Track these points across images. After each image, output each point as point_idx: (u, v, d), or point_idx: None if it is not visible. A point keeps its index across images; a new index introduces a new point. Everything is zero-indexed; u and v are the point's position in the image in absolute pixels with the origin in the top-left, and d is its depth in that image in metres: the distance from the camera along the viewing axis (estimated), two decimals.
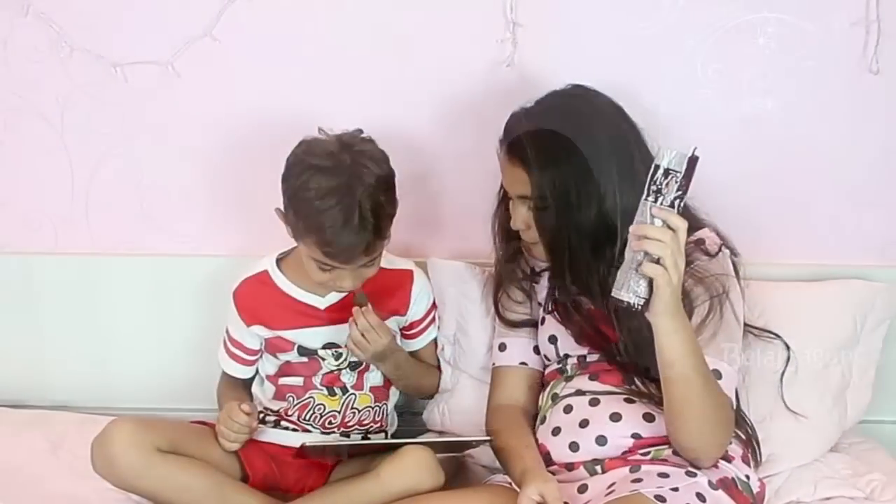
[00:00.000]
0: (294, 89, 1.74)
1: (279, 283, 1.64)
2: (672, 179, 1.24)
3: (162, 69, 1.77)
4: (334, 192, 1.44)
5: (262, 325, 1.64)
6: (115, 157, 1.83)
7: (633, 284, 1.27)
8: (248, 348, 1.69)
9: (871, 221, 1.79)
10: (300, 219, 1.48)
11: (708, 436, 1.39)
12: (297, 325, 1.63)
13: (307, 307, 1.63)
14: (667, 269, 1.25)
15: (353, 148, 1.49)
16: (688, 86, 1.73)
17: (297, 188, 1.47)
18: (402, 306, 1.66)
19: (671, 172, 1.24)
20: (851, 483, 1.60)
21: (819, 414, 1.65)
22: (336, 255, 1.47)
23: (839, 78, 1.72)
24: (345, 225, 1.44)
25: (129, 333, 1.90)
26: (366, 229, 1.45)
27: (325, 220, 1.44)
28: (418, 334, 1.71)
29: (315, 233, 1.46)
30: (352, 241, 1.45)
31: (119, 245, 1.88)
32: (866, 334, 1.71)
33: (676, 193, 1.25)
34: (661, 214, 1.26)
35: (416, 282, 1.68)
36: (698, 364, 1.34)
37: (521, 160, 1.47)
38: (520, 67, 1.72)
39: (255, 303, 1.65)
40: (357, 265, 1.50)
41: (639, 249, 1.26)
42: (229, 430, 1.55)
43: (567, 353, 1.57)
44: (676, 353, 1.32)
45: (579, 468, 1.45)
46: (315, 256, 1.50)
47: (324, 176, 1.46)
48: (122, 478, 1.49)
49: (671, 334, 1.31)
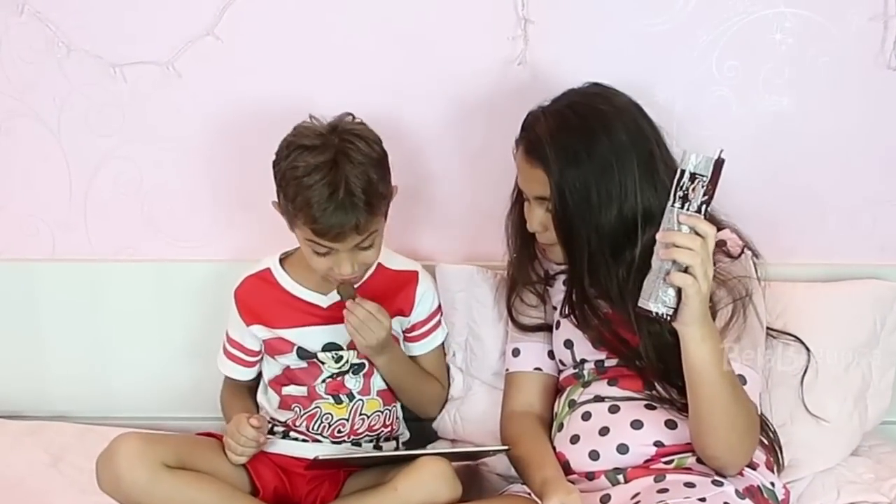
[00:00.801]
0: (299, 89, 1.70)
1: (281, 282, 1.62)
2: (698, 184, 1.22)
3: (162, 69, 1.73)
4: (320, 167, 1.44)
5: (262, 325, 1.62)
6: (115, 159, 1.79)
7: (661, 294, 1.24)
8: (247, 349, 1.66)
9: (887, 219, 1.77)
10: (289, 199, 1.47)
11: (735, 444, 1.36)
12: (297, 323, 1.60)
13: (309, 306, 1.60)
14: (696, 279, 1.23)
15: (342, 128, 1.50)
16: (702, 83, 1.70)
17: (286, 169, 1.47)
18: (406, 307, 1.63)
19: (697, 177, 1.22)
20: (875, 488, 1.58)
21: (840, 417, 1.62)
22: (325, 231, 1.44)
23: (856, 74, 1.69)
24: (330, 199, 1.43)
25: (131, 341, 1.87)
26: (354, 204, 1.44)
27: (311, 195, 1.43)
28: (421, 337, 1.67)
29: (303, 211, 1.45)
30: (339, 216, 1.43)
31: (119, 250, 1.84)
32: (886, 335, 1.69)
33: (703, 199, 1.22)
34: (690, 221, 1.23)
35: (422, 282, 1.65)
36: (726, 372, 1.31)
37: (540, 160, 1.43)
38: (531, 65, 1.69)
39: (256, 301, 1.63)
40: (350, 245, 1.47)
41: (667, 258, 1.23)
42: (237, 444, 1.52)
43: (584, 358, 1.54)
44: (705, 362, 1.29)
45: (600, 477, 1.42)
46: (307, 237, 1.48)
47: (311, 153, 1.46)
48: (130, 495, 1.45)
49: (699, 343, 1.28)
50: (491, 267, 1.73)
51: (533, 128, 1.46)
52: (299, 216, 1.46)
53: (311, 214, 1.44)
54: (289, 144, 1.50)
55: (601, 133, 1.41)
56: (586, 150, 1.40)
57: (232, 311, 1.65)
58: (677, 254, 1.22)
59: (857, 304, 1.67)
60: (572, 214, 1.42)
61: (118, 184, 1.80)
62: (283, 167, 1.48)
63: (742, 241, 1.50)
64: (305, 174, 1.44)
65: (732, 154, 1.68)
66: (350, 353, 1.60)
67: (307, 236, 1.48)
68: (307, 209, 1.44)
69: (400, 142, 1.68)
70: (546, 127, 1.44)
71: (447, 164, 1.77)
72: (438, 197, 1.79)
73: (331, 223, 1.44)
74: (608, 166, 1.40)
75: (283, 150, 1.50)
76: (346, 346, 1.60)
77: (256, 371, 1.70)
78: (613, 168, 1.40)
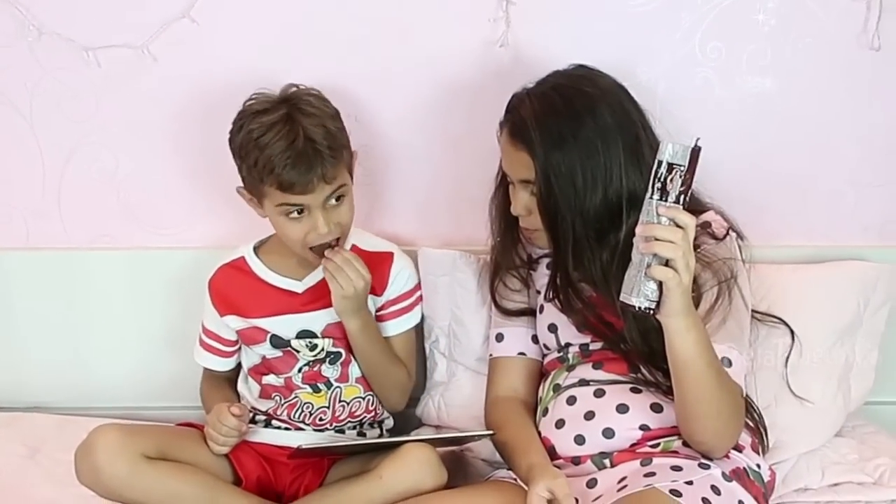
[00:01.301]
0: (277, 73, 1.65)
1: (256, 270, 1.60)
2: (676, 174, 1.20)
3: (137, 53, 1.69)
4: (275, 124, 1.45)
5: (236, 315, 1.60)
6: (89, 146, 1.76)
7: (642, 288, 1.23)
8: (224, 339, 1.65)
9: (870, 201, 1.77)
10: (252, 166, 1.45)
11: (722, 429, 1.36)
12: (271, 312, 1.58)
13: (283, 293, 1.59)
14: (678, 272, 1.21)
15: (291, 93, 1.50)
16: (685, 64, 1.69)
17: (242, 138, 1.47)
18: (378, 287, 1.61)
19: (675, 167, 1.20)
20: (859, 468, 1.59)
21: (824, 399, 1.63)
22: (292, 183, 1.43)
23: (839, 55, 1.68)
24: (291, 148, 1.42)
25: (108, 330, 1.84)
26: (316, 150, 1.44)
27: (272, 152, 1.43)
28: (392, 317, 1.64)
29: (267, 169, 1.43)
30: (303, 163, 1.43)
31: (95, 238, 1.81)
32: (869, 316, 1.69)
33: (681, 188, 1.21)
34: (669, 213, 1.21)
35: (396, 262, 1.63)
36: (711, 360, 1.30)
37: (524, 143, 1.41)
38: (514, 47, 1.67)
39: (230, 290, 1.61)
40: (321, 198, 1.46)
41: (648, 252, 1.22)
42: (219, 434, 1.50)
43: (568, 342, 1.53)
44: (690, 352, 1.28)
45: (586, 462, 1.42)
46: (278, 203, 1.46)
47: (263, 115, 1.46)
48: (109, 488, 1.44)
49: (684, 334, 1.27)
50: (474, 251, 1.71)
51: (517, 110, 1.45)
52: (266, 180, 1.44)
53: (275, 171, 1.43)
54: (240, 116, 1.50)
55: (586, 115, 1.40)
56: (572, 132, 1.39)
57: (206, 302, 1.63)
58: (658, 247, 1.21)
59: (841, 286, 1.67)
60: (557, 198, 1.40)
61: (93, 170, 1.76)
62: (239, 139, 1.48)
63: (727, 223, 1.49)
64: (261, 134, 1.44)
65: (715, 136, 1.70)
66: (325, 342, 1.58)
67: (277, 201, 1.46)
68: (270, 166, 1.43)
69: (381, 126, 1.66)
70: (531, 109, 1.42)
71: (429, 148, 1.74)
72: (421, 181, 1.77)
73: (296, 172, 1.43)
74: (593, 149, 1.39)
75: (235, 125, 1.50)
76: (321, 333, 1.58)
77: (235, 361, 1.68)
78: (598, 151, 1.39)
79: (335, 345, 1.59)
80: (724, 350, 1.37)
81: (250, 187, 1.50)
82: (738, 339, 1.41)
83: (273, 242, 1.62)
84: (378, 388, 1.63)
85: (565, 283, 1.48)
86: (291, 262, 1.59)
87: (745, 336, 1.44)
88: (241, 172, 1.51)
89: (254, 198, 1.52)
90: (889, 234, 1.79)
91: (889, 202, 1.77)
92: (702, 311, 1.38)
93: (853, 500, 1.54)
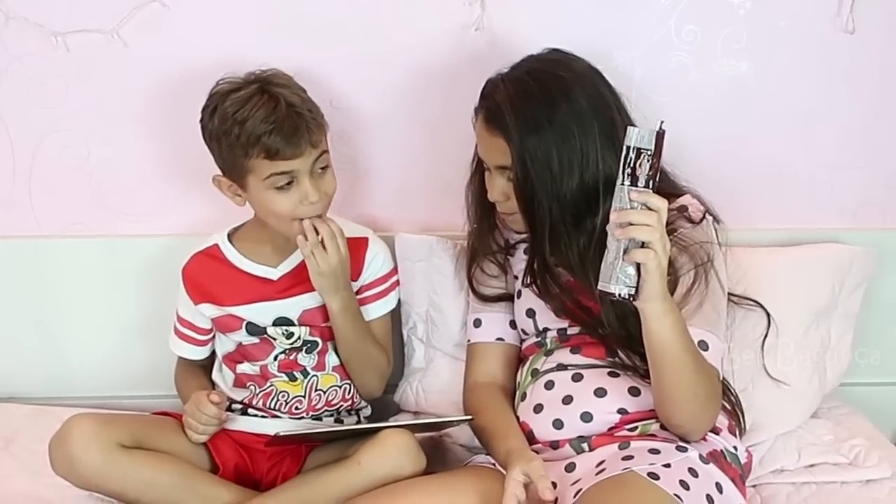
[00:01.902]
0: (251, 57, 1.63)
1: (230, 257, 1.59)
2: (644, 158, 1.21)
3: (107, 38, 1.66)
4: (251, 97, 1.44)
5: (210, 303, 1.59)
6: (59, 132, 1.73)
7: (621, 275, 1.23)
8: (198, 328, 1.63)
9: (845, 184, 1.78)
10: (234, 144, 1.44)
11: (699, 413, 1.36)
12: (246, 300, 1.57)
13: (259, 280, 1.57)
14: (657, 253, 1.22)
15: (257, 73, 1.50)
16: (661, 48, 1.68)
17: (219, 119, 1.45)
18: (354, 271, 1.59)
19: (642, 151, 1.21)
20: (835, 449, 1.60)
21: (800, 380, 1.64)
22: (280, 147, 1.42)
23: (814, 38, 1.69)
24: (274, 113, 1.43)
25: (81, 319, 1.82)
26: (298, 114, 1.44)
27: (255, 122, 1.42)
28: (367, 301, 1.63)
29: (252, 142, 1.42)
30: (288, 126, 1.42)
31: (67, 226, 1.79)
32: (844, 298, 1.70)
33: (649, 172, 1.22)
34: (641, 198, 1.22)
35: (371, 247, 1.62)
36: (688, 344, 1.31)
37: (500, 128, 1.41)
38: (489, 31, 1.66)
39: (204, 278, 1.59)
40: (309, 162, 1.45)
41: (625, 237, 1.22)
42: (198, 422, 1.49)
43: (546, 327, 1.53)
44: (667, 337, 1.28)
45: (565, 446, 1.42)
46: (265, 174, 1.44)
47: (236, 93, 1.46)
48: (84, 477, 1.42)
49: (661, 319, 1.27)
50: (451, 237, 1.71)
51: (492, 96, 1.44)
52: (251, 152, 1.43)
53: (261, 139, 1.42)
54: (211, 100, 1.48)
55: (561, 100, 1.39)
56: (547, 117, 1.38)
57: (180, 290, 1.62)
58: (636, 231, 1.21)
59: (817, 268, 1.68)
60: (534, 183, 1.40)
61: (64, 157, 1.74)
62: (215, 121, 1.46)
63: (703, 207, 1.49)
64: (238, 108, 1.43)
65: (691, 119, 1.71)
66: (302, 330, 1.57)
67: (265, 173, 1.44)
68: (256, 135, 1.42)
69: (356, 111, 1.65)
70: (505, 94, 1.41)
71: (405, 134, 1.73)
72: (397, 167, 1.76)
73: (283, 135, 1.42)
74: (569, 133, 1.38)
75: (207, 109, 1.48)
76: (298, 320, 1.57)
77: (209, 350, 1.67)
78: (574, 135, 1.38)
79: (312, 333, 1.58)
80: (700, 334, 1.37)
81: (231, 170, 1.48)
82: (715, 322, 1.41)
83: (247, 229, 1.61)
84: (357, 373, 1.62)
85: (542, 268, 1.48)
86: (266, 249, 1.57)
87: (722, 320, 1.44)
88: (219, 157, 1.49)
89: (234, 183, 1.49)
90: (864, 216, 1.80)
91: (864, 185, 1.78)
92: (678, 295, 1.39)
93: (829, 480, 1.55)
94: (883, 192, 1.79)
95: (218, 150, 1.48)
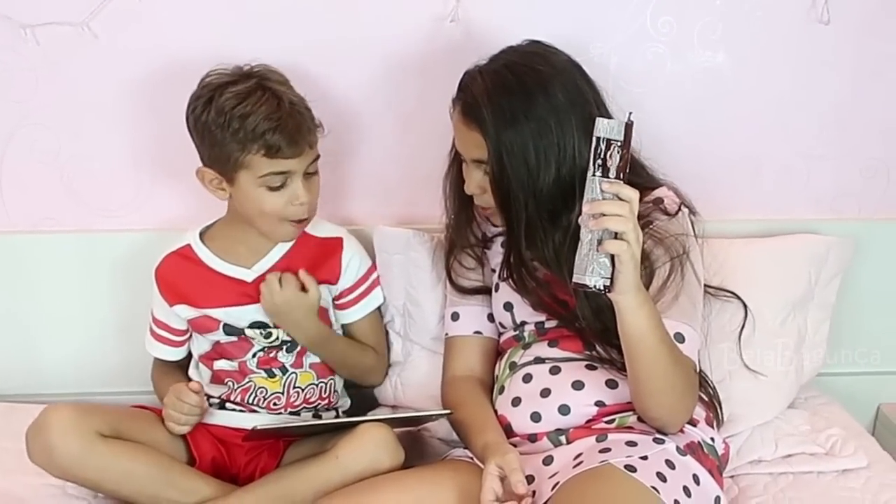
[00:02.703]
0: (222, 49, 1.61)
1: (203, 258, 1.57)
2: (614, 149, 1.21)
3: (77, 30, 1.64)
4: (252, 92, 1.43)
5: (186, 305, 1.57)
6: (30, 126, 1.70)
7: (595, 266, 1.23)
8: (174, 328, 1.62)
9: (821, 174, 1.79)
10: (230, 138, 1.42)
11: (676, 405, 1.36)
12: (222, 303, 1.55)
13: (234, 282, 1.55)
14: (630, 244, 1.21)
15: (248, 69, 1.49)
16: (637, 39, 1.68)
17: (214, 112, 1.43)
18: (332, 275, 1.59)
19: (612, 142, 1.21)
20: (811, 439, 1.61)
21: (777, 371, 1.64)
22: (283, 146, 1.42)
23: (790, 29, 1.69)
24: (279, 110, 1.42)
25: (55, 315, 1.79)
26: (300, 113, 1.45)
27: (258, 117, 1.41)
28: (352, 303, 1.63)
29: (253, 137, 1.41)
30: (291, 124, 1.42)
31: (39, 222, 1.76)
32: (820, 288, 1.71)
33: (619, 163, 1.22)
34: (613, 189, 1.22)
35: (347, 249, 1.61)
36: (663, 336, 1.30)
37: (476, 122, 1.39)
38: (464, 22, 1.65)
39: (179, 280, 1.57)
40: (305, 163, 1.46)
41: (598, 228, 1.22)
42: (179, 413, 1.48)
43: (524, 320, 1.52)
44: (642, 329, 1.28)
45: (543, 439, 1.42)
46: (261, 172, 1.43)
47: (234, 86, 1.43)
48: (62, 467, 1.40)
49: (636, 311, 1.27)
50: (428, 230, 1.69)
51: (469, 89, 1.42)
52: (250, 148, 1.41)
53: (264, 136, 1.40)
54: (204, 91, 1.45)
55: (538, 94, 1.38)
56: (524, 110, 1.37)
57: (154, 292, 1.60)
58: (609, 222, 1.21)
59: (793, 259, 1.68)
60: (510, 177, 1.39)
61: (35, 152, 1.71)
62: (210, 113, 1.43)
63: (679, 199, 1.49)
64: (239, 103, 1.41)
65: (667, 110, 1.71)
66: (280, 331, 1.56)
67: (261, 171, 1.43)
68: (258, 131, 1.40)
69: (330, 103, 1.63)
70: (483, 87, 1.40)
71: (380, 126, 1.72)
72: (372, 160, 1.74)
73: (286, 134, 1.41)
74: (546, 127, 1.37)
75: (200, 101, 1.45)
76: (273, 323, 1.56)
77: (186, 350, 1.65)
78: (551, 129, 1.37)
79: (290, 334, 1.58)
80: (676, 326, 1.37)
81: (222, 163, 1.45)
82: (691, 314, 1.41)
83: (219, 228, 1.59)
84: (354, 378, 1.65)
85: (518, 262, 1.47)
86: (239, 249, 1.56)
87: (698, 311, 1.44)
88: (208, 149, 1.46)
89: (220, 176, 1.47)
90: (840, 207, 1.81)
91: (840, 175, 1.79)
92: (654, 288, 1.38)
93: (806, 470, 1.56)
94: (859, 183, 1.80)
95: (209, 141, 1.45)
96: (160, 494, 1.44)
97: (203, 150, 1.47)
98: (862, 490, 1.50)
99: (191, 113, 1.47)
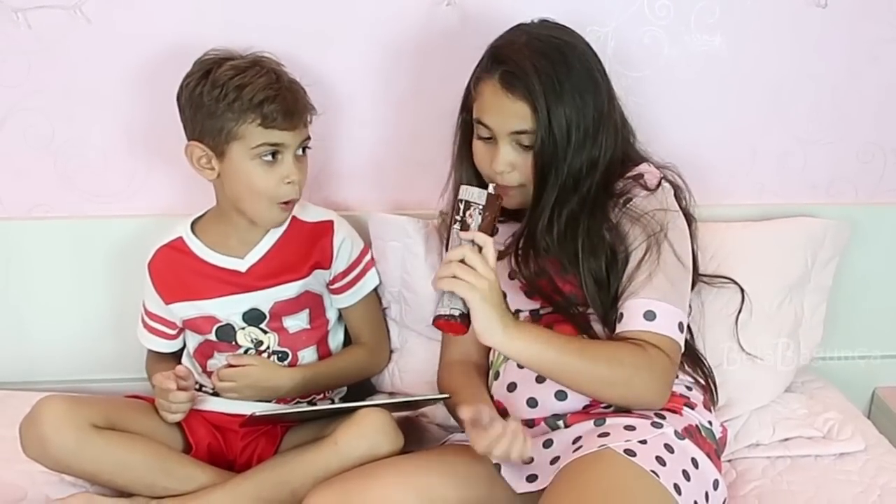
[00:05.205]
0: (218, 32, 1.61)
1: (195, 250, 1.56)
2: (475, 210, 1.30)
3: (69, 13, 1.63)
4: (250, 67, 1.44)
5: (182, 302, 1.56)
6: (23, 111, 1.69)
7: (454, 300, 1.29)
8: (168, 321, 1.61)
9: (817, 158, 1.78)
10: (225, 108, 1.41)
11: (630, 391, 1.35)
12: (216, 294, 1.54)
13: (227, 272, 1.55)
14: (482, 296, 1.26)
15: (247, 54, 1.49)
16: (634, 22, 1.67)
17: (210, 84, 1.42)
18: (324, 260, 1.58)
19: (472, 204, 1.30)
20: (809, 423, 1.61)
21: (774, 355, 1.64)
22: (280, 117, 1.42)
23: (787, 12, 1.68)
24: (277, 82, 1.44)
25: (49, 303, 1.78)
26: (296, 89, 1.47)
27: (255, 87, 1.41)
28: (346, 287, 1.62)
29: (250, 106, 1.41)
30: (290, 98, 1.44)
31: (32, 208, 1.75)
32: (817, 272, 1.70)
33: (481, 224, 1.30)
34: (467, 236, 1.29)
35: (338, 232, 1.59)
36: (562, 346, 1.34)
37: (524, 92, 1.36)
38: (460, 6, 1.64)
39: (172, 274, 1.57)
40: (299, 139, 1.46)
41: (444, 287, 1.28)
42: (169, 402, 1.46)
43: (518, 309, 1.51)
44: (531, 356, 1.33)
45: (540, 424, 1.41)
46: (255, 143, 1.42)
47: (231, 61, 1.45)
48: (57, 459, 1.40)
49: (509, 345, 1.31)
50: (422, 216, 1.68)
51: (511, 59, 1.38)
52: (246, 117, 1.41)
53: (262, 105, 1.41)
54: (200, 65, 1.46)
55: (576, 64, 1.38)
56: (568, 80, 1.36)
57: (147, 286, 1.59)
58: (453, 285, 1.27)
59: (789, 242, 1.68)
60: (554, 150, 1.37)
61: (28, 137, 1.70)
62: (206, 85, 1.42)
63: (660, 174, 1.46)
64: (237, 74, 1.42)
65: (664, 93, 1.70)
66: (271, 338, 1.56)
67: (255, 142, 1.42)
68: (254, 101, 1.40)
69: (324, 88, 1.62)
70: (527, 56, 1.37)
71: (375, 111, 1.71)
72: (367, 145, 1.73)
73: (284, 105, 1.42)
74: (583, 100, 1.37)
75: (195, 75, 1.45)
76: (269, 311, 1.55)
77: (181, 342, 1.64)
78: (587, 102, 1.38)
79: (281, 344, 1.57)
80: (646, 304, 1.35)
81: (213, 135, 1.43)
82: (666, 290, 1.37)
83: (209, 219, 1.58)
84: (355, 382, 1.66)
85: (529, 243, 1.44)
86: (231, 240, 1.55)
87: (678, 288, 1.39)
88: (200, 121, 1.44)
89: (211, 150, 1.45)
90: (837, 191, 1.81)
91: (837, 159, 1.79)
92: (630, 269, 1.38)
93: (803, 454, 1.56)
94: (855, 166, 1.79)
95: (203, 113, 1.43)
96: (156, 483, 1.44)
97: (195, 124, 1.45)
98: (859, 473, 1.51)
99: (184, 87, 1.46)
